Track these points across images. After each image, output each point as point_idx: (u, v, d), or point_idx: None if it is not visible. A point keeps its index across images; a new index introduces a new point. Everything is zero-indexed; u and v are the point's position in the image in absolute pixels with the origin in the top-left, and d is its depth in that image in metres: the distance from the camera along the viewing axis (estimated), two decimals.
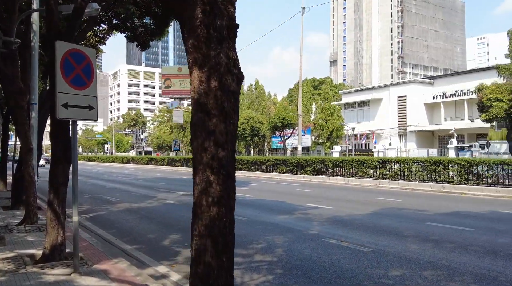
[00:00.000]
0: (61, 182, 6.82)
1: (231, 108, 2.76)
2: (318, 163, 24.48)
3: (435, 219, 10.50)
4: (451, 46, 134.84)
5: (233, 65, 2.80)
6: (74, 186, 6.06)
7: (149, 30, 15.49)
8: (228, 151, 2.77)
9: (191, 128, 2.79)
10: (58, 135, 6.77)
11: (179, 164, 42.72)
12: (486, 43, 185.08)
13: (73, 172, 6.08)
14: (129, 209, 13.63)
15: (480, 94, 28.36)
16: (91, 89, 6.24)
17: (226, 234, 2.82)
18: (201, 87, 2.68)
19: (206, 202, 2.74)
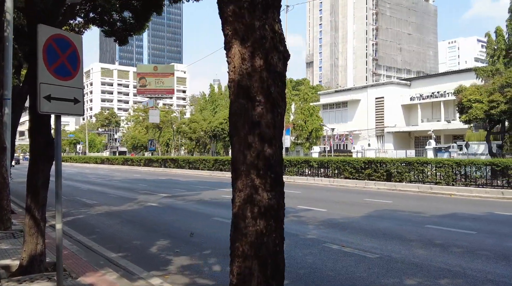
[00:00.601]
0: (41, 184, 6.10)
1: (278, 94, 2.22)
2: (303, 163, 24.09)
3: (433, 221, 10.19)
4: (423, 49, 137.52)
5: (279, 40, 2.26)
6: (57, 189, 5.37)
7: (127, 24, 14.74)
8: (276, 147, 2.22)
9: (230, 119, 2.23)
10: (38, 132, 6.05)
11: (156, 165, 41.62)
12: (457, 47, 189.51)
13: (57, 173, 5.39)
14: (109, 212, 12.84)
15: (459, 96, 28.57)
16: (77, 80, 5.55)
17: (276, 253, 2.26)
18: (243, 66, 2.13)
19: (252, 213, 2.18)
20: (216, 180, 26.35)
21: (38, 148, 6.08)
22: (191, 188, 20.04)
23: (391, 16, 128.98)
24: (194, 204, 14.05)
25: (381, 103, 48.88)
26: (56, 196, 5.42)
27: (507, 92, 25.38)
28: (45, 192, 6.17)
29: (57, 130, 5.44)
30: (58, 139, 5.45)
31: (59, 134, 5.46)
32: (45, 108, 5.17)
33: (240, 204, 2.22)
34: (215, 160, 32.82)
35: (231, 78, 2.19)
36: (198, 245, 8.23)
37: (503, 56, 30.22)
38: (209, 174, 31.43)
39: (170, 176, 31.47)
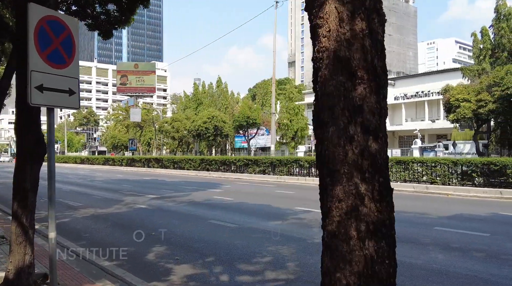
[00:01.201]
0: (29, 187, 5.40)
1: (382, 70, 1.68)
2: (293, 163, 23.60)
3: (442, 223, 9.80)
4: (403, 50, 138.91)
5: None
6: (50, 192, 4.70)
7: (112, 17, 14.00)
8: (382, 142, 1.67)
9: (323, 102, 1.66)
10: (27, 128, 5.35)
11: (139, 164, 40.53)
12: (436, 48, 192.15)
13: (49, 175, 4.72)
14: (95, 215, 12.08)
15: (447, 95, 28.59)
16: (72, 68, 4.89)
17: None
18: (341, 30, 1.58)
19: (358, 232, 1.62)
20: (203, 180, 25.64)
21: (26, 147, 5.38)
22: (179, 189, 19.32)
23: None
24: (186, 206, 13.39)
25: None
26: (49, 201, 4.76)
27: (494, 92, 25.45)
28: (34, 195, 5.49)
29: (50, 126, 4.75)
30: (51, 136, 4.77)
31: (52, 130, 4.78)
32: (37, 100, 4.50)
33: (341, 219, 1.66)
34: (201, 159, 32.07)
35: (324, 46, 1.63)
36: (199, 251, 7.63)
37: (489, 56, 30.37)
38: (195, 174, 30.67)
39: (155, 176, 30.59)
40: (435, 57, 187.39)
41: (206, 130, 45.90)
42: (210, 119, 46.13)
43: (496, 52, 30.12)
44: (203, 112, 49.86)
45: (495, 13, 30.45)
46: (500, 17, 29.88)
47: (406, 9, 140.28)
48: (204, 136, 46.37)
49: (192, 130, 48.27)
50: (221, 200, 14.71)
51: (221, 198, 15.22)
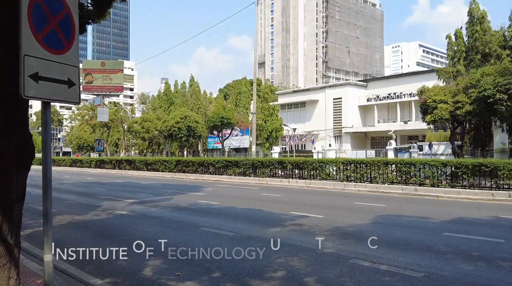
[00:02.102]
0: (15, 198, 4.50)
1: None
2: (276, 164, 22.98)
3: (448, 228, 9.40)
4: (371, 53, 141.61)
5: None
6: (46, 206, 3.87)
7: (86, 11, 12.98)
8: None
9: None
10: (12, 126, 4.44)
11: (109, 166, 38.90)
12: (400, 51, 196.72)
13: (45, 183, 3.90)
14: (73, 223, 11.06)
15: (423, 97, 28.73)
16: (72, 55, 4.06)
17: None
18: None
19: None
20: (180, 182, 24.64)
21: (11, 149, 4.47)
22: (158, 192, 18.33)
23: (340, 19, 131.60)
24: (171, 212, 12.51)
25: (339, 104, 49.04)
26: (44, 216, 3.94)
27: (471, 93, 25.70)
28: (20, 207, 4.59)
29: (46, 124, 3.91)
30: (47, 136, 3.93)
31: (48, 129, 3.93)
32: (31, 92, 3.66)
33: None
34: (177, 161, 30.96)
35: None
36: (201, 265, 6.87)
37: (463, 58, 30.81)
38: (170, 176, 29.56)
39: (127, 178, 29.29)
40: (399, 60, 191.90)
41: (178, 130, 44.68)
42: (182, 119, 44.93)
43: (470, 54, 30.59)
44: (175, 112, 48.56)
45: (468, 16, 30.92)
46: (474, 20, 30.37)
47: (373, 12, 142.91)
48: (177, 137, 45.13)
49: (163, 131, 46.91)
50: (207, 205, 13.89)
51: (206, 202, 14.40)
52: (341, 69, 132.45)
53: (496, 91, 24.02)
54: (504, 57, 27.84)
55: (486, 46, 29.35)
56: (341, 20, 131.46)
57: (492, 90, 24.24)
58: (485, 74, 25.16)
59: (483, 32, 29.79)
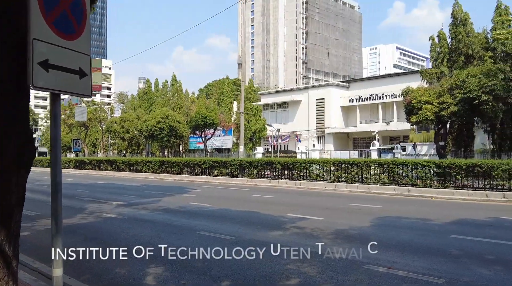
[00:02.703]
0: (13, 203, 3.99)
1: None
2: (265, 165, 22.58)
3: (453, 230, 9.21)
4: (349, 55, 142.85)
5: None
6: (56, 212, 3.41)
7: None
8: None
9: None
10: (11, 123, 3.93)
11: (89, 167, 37.81)
12: (378, 54, 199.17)
13: (54, 187, 3.43)
14: None
15: (408, 97, 28.87)
16: (83, 41, 3.60)
17: None
18: None
19: None
20: (165, 183, 24.00)
21: (10, 148, 3.96)
22: (144, 194, 17.72)
23: (319, 21, 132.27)
24: (163, 214, 11.99)
25: (322, 105, 49.09)
26: (53, 226, 3.48)
27: (456, 94, 25.94)
28: (19, 213, 4.08)
29: (56, 118, 3.44)
30: (57, 132, 3.46)
31: (58, 123, 3.46)
32: (41, 82, 3.20)
33: None
34: (161, 161, 30.21)
35: None
36: (207, 273, 6.44)
37: (447, 59, 31.13)
38: (154, 177, 28.82)
39: (109, 179, 28.43)
40: (377, 62, 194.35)
41: (160, 130, 43.81)
42: (164, 119, 44.08)
43: (453, 56, 30.93)
44: (156, 111, 47.65)
45: (452, 18, 31.29)
46: (457, 22, 30.72)
47: (352, 14, 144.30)
48: (158, 137, 44.25)
49: (144, 131, 45.95)
50: (199, 207, 13.41)
51: (198, 204, 13.91)
52: (320, 71, 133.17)
53: (481, 92, 24.28)
54: (487, 59, 28.22)
55: (469, 48, 29.72)
56: (321, 21, 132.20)
57: (477, 91, 24.50)
58: (470, 76, 25.42)
59: (466, 34, 30.16)
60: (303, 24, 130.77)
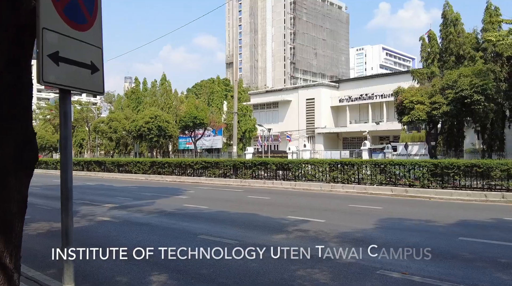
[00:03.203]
0: (14, 212, 3.64)
1: None
2: (259, 165, 22.27)
3: (460, 232, 9.06)
4: (336, 55, 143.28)
5: None
6: (67, 222, 3.09)
7: None
8: None
9: None
10: (10, 121, 3.57)
11: (78, 168, 37.06)
12: (364, 54, 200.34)
13: (65, 193, 3.11)
14: (52, 231, 10.01)
15: (399, 97, 28.85)
16: (95, 32, 3.27)
17: None
18: None
19: None
20: (157, 184, 23.54)
21: (9, 150, 3.60)
22: (137, 196, 17.28)
23: (307, 21, 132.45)
24: (159, 218, 11.61)
25: (312, 105, 48.99)
26: (63, 236, 3.15)
27: (448, 94, 25.98)
28: (21, 223, 3.74)
29: (66, 117, 3.09)
30: (68, 133, 3.12)
31: (69, 124, 3.12)
32: (51, 77, 2.86)
33: None
34: (152, 162, 29.69)
35: None
36: (214, 280, 6.14)
37: (437, 59, 31.21)
38: (144, 178, 28.30)
39: (98, 180, 27.83)
40: (363, 63, 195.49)
41: (148, 131, 43.19)
42: (152, 119, 43.46)
43: (444, 56, 31.01)
44: (145, 111, 47.00)
45: (442, 18, 31.36)
46: (447, 22, 30.80)
47: (339, 15, 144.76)
48: (147, 138, 43.63)
49: (132, 131, 45.26)
50: (196, 209, 13.07)
51: (194, 206, 13.57)
52: (308, 71, 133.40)
53: (473, 92, 24.34)
54: (478, 59, 28.33)
55: (460, 48, 29.82)
56: (308, 22, 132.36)
57: (469, 91, 24.55)
58: (462, 75, 25.47)
59: (457, 34, 30.26)
60: (291, 24, 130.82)
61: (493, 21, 28.89)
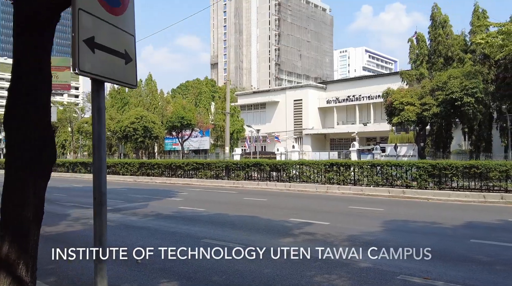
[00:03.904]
0: (30, 219, 3.28)
1: None
2: (252, 166, 21.93)
3: (469, 234, 8.91)
4: (321, 57, 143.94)
5: None
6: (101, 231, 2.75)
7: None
8: None
9: None
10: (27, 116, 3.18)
11: (62, 169, 36.13)
12: (347, 56, 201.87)
13: (98, 198, 2.78)
14: (46, 236, 9.44)
15: (389, 99, 28.93)
16: (129, 17, 2.93)
17: None
18: None
19: None
20: (146, 186, 23.02)
21: (27, 150, 3.22)
22: (128, 198, 16.79)
23: (292, 23, 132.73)
24: (156, 221, 11.21)
25: (300, 106, 48.92)
26: (97, 243, 2.83)
27: (438, 95, 26.15)
28: (37, 230, 3.38)
29: (100, 112, 2.75)
30: (101, 130, 2.78)
31: (103, 120, 2.78)
32: (87, 65, 2.52)
33: None
34: (141, 163, 29.06)
35: None
36: None
37: (426, 61, 31.41)
38: (133, 180, 27.67)
39: (85, 182, 27.08)
40: (347, 64, 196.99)
41: (134, 131, 42.47)
42: (138, 119, 42.76)
43: (432, 58, 31.23)
44: (130, 112, 46.21)
45: (431, 20, 31.61)
46: (436, 24, 31.04)
47: (323, 17, 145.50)
48: (132, 138, 42.88)
49: (117, 132, 44.46)
50: (193, 212, 12.69)
51: (191, 209, 13.18)
52: (293, 72, 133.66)
53: (463, 94, 24.52)
54: (467, 61, 28.58)
55: (448, 50, 30.06)
56: (293, 23, 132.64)
57: (460, 93, 24.74)
58: (452, 77, 25.66)
59: (445, 36, 30.50)
60: (276, 26, 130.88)
61: (481, 24, 29.16)
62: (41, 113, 3.21)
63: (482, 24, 29.03)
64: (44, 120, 3.23)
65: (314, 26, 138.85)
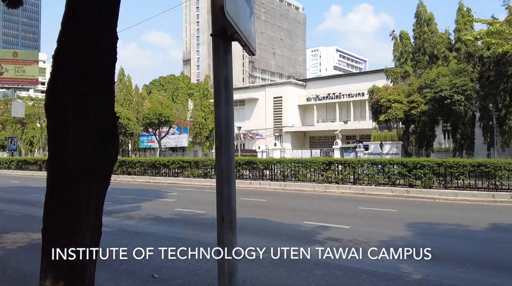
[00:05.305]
0: (88, 243, 2.32)
1: None
2: (244, 165, 20.98)
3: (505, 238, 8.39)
4: (294, 55, 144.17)
5: None
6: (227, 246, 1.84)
7: None
8: None
9: None
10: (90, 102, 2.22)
11: (34, 168, 34.02)
12: (319, 55, 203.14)
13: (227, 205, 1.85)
14: (34, 244, 8.35)
15: (375, 96, 28.64)
16: None
17: None
18: None
19: None
20: (129, 186, 21.72)
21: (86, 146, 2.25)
22: (115, 199, 15.54)
23: (265, 20, 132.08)
24: (157, 225, 10.17)
25: (280, 103, 48.30)
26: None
27: (426, 93, 25.99)
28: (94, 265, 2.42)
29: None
30: (229, 112, 1.85)
31: (231, 94, 1.86)
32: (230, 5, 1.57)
33: None
34: (121, 161, 27.51)
35: None
36: None
37: (410, 59, 31.32)
38: (113, 178, 25.90)
39: None
40: (318, 63, 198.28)
41: None
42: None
43: (417, 55, 31.17)
44: None
45: (416, 18, 31.56)
46: (421, 22, 31.00)
47: (296, 16, 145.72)
48: None
49: None
50: (193, 214, 11.71)
51: (189, 211, 12.19)
52: (267, 70, 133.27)
53: (453, 92, 24.40)
54: (451, 59, 28.59)
55: (434, 48, 30.04)
56: (267, 21, 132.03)
57: (449, 91, 24.60)
58: (441, 75, 25.52)
59: (431, 34, 30.47)
60: None
61: (466, 22, 29.26)
62: (107, 97, 2.27)
63: (466, 21, 29.12)
64: (108, 106, 2.29)
65: (287, 24, 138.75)
